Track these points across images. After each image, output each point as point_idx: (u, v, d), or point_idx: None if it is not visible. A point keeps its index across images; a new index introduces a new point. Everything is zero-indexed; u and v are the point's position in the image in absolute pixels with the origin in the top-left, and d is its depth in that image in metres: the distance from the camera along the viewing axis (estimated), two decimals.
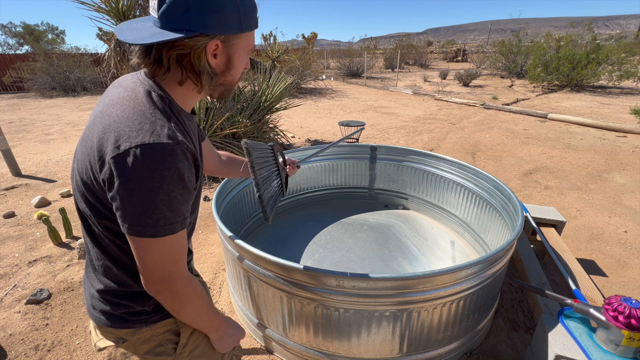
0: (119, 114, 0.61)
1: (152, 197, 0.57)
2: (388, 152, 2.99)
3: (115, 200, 0.59)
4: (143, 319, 0.76)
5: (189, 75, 0.65)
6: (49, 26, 24.16)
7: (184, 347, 0.81)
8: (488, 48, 25.96)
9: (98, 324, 0.78)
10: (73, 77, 12.13)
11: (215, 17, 0.60)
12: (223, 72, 0.69)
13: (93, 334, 0.84)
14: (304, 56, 12.55)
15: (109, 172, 0.58)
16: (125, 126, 0.59)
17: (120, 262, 0.72)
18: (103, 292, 0.75)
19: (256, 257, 1.40)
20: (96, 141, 0.61)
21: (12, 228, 2.94)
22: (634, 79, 10.01)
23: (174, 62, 0.63)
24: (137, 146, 0.56)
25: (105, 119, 0.62)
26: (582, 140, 5.47)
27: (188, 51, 0.62)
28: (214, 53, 0.65)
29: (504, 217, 2.08)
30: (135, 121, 0.59)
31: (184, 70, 0.64)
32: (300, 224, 2.77)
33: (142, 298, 0.74)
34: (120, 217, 0.60)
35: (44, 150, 5.29)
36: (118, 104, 0.63)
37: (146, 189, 0.57)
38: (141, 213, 0.58)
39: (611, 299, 1.24)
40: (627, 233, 2.83)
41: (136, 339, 0.78)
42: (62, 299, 2.09)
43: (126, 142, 0.57)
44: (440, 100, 9.72)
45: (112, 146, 0.57)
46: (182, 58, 0.63)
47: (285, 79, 4.69)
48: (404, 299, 1.30)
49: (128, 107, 0.61)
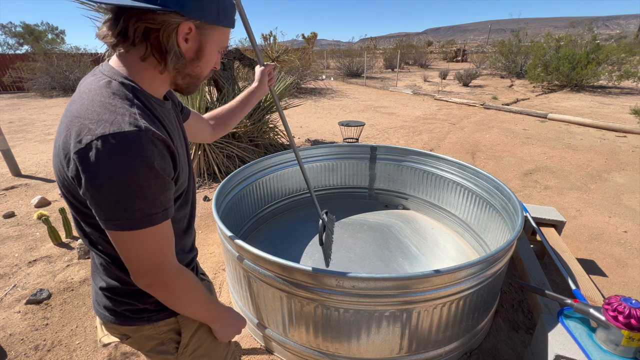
0: (78, 108, 0.58)
1: (121, 190, 0.55)
2: (388, 152, 2.99)
3: (87, 196, 0.57)
4: (145, 317, 0.76)
5: (152, 52, 0.61)
6: (48, 26, 24.13)
7: (185, 347, 0.81)
8: (488, 48, 25.99)
9: (103, 320, 0.79)
10: (73, 77, 12.12)
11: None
12: (192, 60, 0.66)
13: (99, 330, 0.85)
14: (304, 56, 12.55)
15: (74, 168, 0.56)
16: (86, 119, 0.56)
17: (117, 260, 0.70)
18: (106, 290, 0.75)
19: (256, 257, 1.40)
20: (61, 139, 0.59)
21: (12, 228, 2.94)
22: (633, 79, 10.01)
23: (139, 36, 0.59)
24: (97, 138, 0.53)
25: (67, 116, 0.60)
26: (582, 140, 5.47)
27: (157, 27, 0.59)
28: (185, 36, 0.62)
29: (503, 217, 2.08)
30: (95, 112, 0.56)
31: (149, 46, 0.61)
32: (300, 224, 2.77)
33: (143, 296, 0.73)
34: (96, 212, 0.58)
35: (43, 150, 5.29)
36: (78, 100, 0.60)
37: (114, 182, 0.54)
38: (114, 207, 0.56)
39: (611, 299, 1.24)
40: (627, 233, 2.83)
41: (139, 336, 0.78)
42: (62, 299, 2.09)
43: (87, 135, 0.54)
44: (440, 100, 9.72)
45: (74, 141, 0.55)
46: (149, 33, 0.60)
47: (285, 79, 4.70)
48: (403, 299, 1.30)
49: (87, 100, 0.59)
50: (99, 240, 0.69)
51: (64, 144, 0.58)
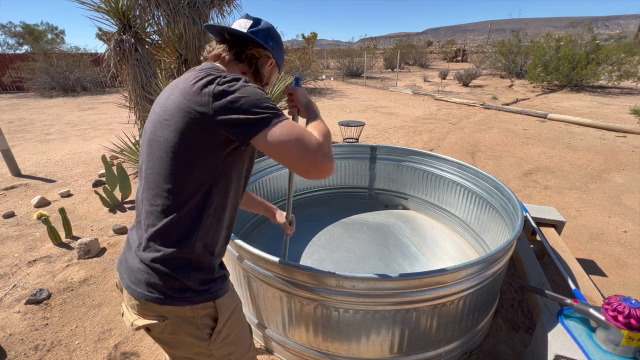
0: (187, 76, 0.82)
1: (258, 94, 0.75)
2: (388, 152, 2.99)
3: (234, 116, 0.72)
4: (187, 297, 0.79)
5: (252, 71, 0.93)
6: (48, 26, 24.14)
7: (219, 333, 0.85)
8: (488, 48, 25.98)
9: (140, 300, 0.79)
10: (73, 77, 12.13)
11: (277, 46, 0.98)
12: (265, 83, 0.99)
13: (127, 315, 0.84)
14: (304, 56, 12.55)
15: (218, 101, 0.72)
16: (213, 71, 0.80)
17: (186, 219, 0.78)
18: (159, 261, 0.78)
19: (256, 257, 1.40)
20: (181, 88, 0.77)
21: (12, 228, 2.94)
22: (633, 79, 10.01)
23: (247, 59, 0.92)
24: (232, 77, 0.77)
25: (172, 85, 0.83)
26: (581, 140, 5.47)
27: (259, 56, 0.93)
28: (269, 67, 0.98)
29: (503, 217, 2.08)
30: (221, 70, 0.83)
31: (251, 66, 0.93)
32: (300, 224, 2.77)
33: (193, 270, 0.80)
34: (246, 125, 0.72)
35: (43, 150, 5.29)
36: (183, 76, 0.83)
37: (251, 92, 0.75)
38: (261, 109, 0.73)
39: (611, 299, 1.24)
40: (626, 233, 2.83)
41: (177, 318, 0.80)
42: (62, 299, 2.09)
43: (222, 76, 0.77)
44: (440, 100, 9.72)
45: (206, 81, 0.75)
46: (254, 59, 0.93)
47: (285, 79, 4.69)
48: (403, 298, 1.30)
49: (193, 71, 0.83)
50: (184, 196, 0.77)
51: (192, 97, 0.74)
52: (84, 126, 7.02)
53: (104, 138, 5.92)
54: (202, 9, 4.12)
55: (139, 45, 3.99)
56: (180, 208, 0.78)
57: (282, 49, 1.01)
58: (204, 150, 0.75)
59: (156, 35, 4.39)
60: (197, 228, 0.80)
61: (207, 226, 0.81)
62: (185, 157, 0.76)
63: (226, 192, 0.83)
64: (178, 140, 0.75)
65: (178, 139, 0.75)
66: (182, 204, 0.78)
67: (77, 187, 3.81)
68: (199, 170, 0.77)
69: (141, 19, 4.09)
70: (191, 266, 0.80)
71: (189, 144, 0.75)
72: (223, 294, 0.86)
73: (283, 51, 1.03)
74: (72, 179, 4.07)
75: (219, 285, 0.86)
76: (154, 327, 0.81)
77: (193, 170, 0.76)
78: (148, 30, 4.31)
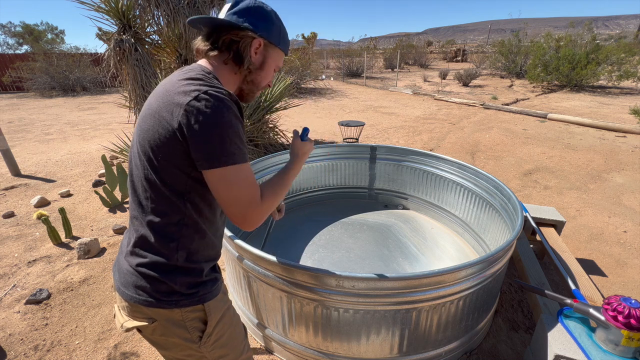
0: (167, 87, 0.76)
1: (226, 131, 0.71)
2: (388, 152, 2.99)
3: (194, 139, 0.69)
4: (174, 300, 0.78)
5: (233, 58, 0.83)
6: (48, 26, 24.12)
7: (209, 336, 0.84)
8: (488, 48, 25.96)
9: (129, 302, 0.79)
10: (72, 77, 12.13)
11: (263, 23, 0.82)
12: (257, 69, 0.86)
13: (118, 316, 0.84)
14: (304, 56, 12.56)
15: (185, 117, 0.69)
16: (187, 86, 0.73)
17: (169, 231, 0.77)
18: (145, 266, 0.77)
19: (256, 257, 1.40)
20: (158, 104, 0.74)
21: (12, 228, 2.94)
22: (633, 79, 10.01)
23: (225, 45, 0.81)
24: (204, 92, 0.71)
25: (158, 91, 0.78)
26: (581, 140, 5.47)
27: (238, 39, 0.81)
28: (256, 50, 0.84)
29: (503, 217, 2.08)
30: (190, 84, 0.74)
31: (231, 53, 0.82)
32: (300, 224, 2.77)
33: (180, 274, 0.79)
34: (202, 154, 0.70)
35: (43, 150, 5.29)
36: (167, 81, 0.79)
37: (217, 125, 0.69)
38: (220, 146, 0.70)
39: (610, 299, 1.24)
40: (626, 233, 2.83)
41: (166, 320, 0.80)
42: (62, 299, 2.09)
43: (194, 92, 0.71)
44: (440, 100, 9.73)
45: (182, 98, 0.71)
46: (232, 44, 0.82)
47: (285, 79, 4.69)
48: (403, 298, 1.30)
49: (173, 79, 0.78)
50: (161, 204, 0.76)
51: (166, 103, 0.72)
52: (83, 126, 7.02)
53: (103, 138, 5.92)
54: (202, 8, 4.13)
55: (139, 45, 3.99)
56: (161, 215, 0.76)
57: (274, 24, 0.85)
58: (177, 157, 0.73)
59: (156, 35, 4.40)
60: (178, 237, 0.78)
61: (189, 235, 0.79)
62: (161, 163, 0.74)
63: (209, 199, 0.81)
64: (152, 146, 0.73)
65: (151, 145, 0.73)
66: (161, 212, 0.76)
67: (77, 187, 3.81)
68: (175, 177, 0.74)
69: (141, 18, 4.09)
70: (178, 271, 0.78)
71: (161, 150, 0.73)
72: (212, 297, 0.84)
73: (280, 28, 0.87)
74: (72, 179, 4.07)
75: (209, 288, 0.84)
76: (144, 329, 0.81)
77: (169, 177, 0.74)
78: (148, 30, 4.31)
